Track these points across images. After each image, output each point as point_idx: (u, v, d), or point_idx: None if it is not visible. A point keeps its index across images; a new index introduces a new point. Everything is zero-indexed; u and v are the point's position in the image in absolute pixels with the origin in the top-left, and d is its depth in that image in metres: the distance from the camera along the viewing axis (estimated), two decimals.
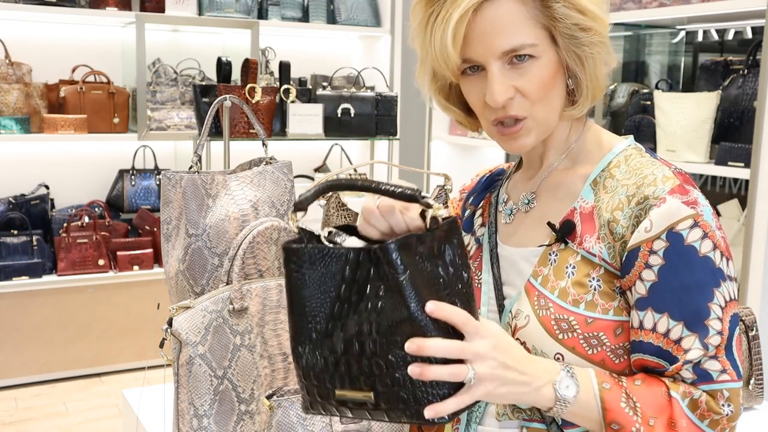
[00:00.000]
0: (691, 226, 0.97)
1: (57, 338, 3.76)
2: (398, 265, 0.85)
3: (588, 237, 1.04)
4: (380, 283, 0.87)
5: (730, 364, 0.98)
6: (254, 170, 1.58)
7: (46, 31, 4.05)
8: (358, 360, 0.88)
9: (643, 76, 3.74)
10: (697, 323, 0.97)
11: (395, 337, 0.86)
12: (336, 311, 0.90)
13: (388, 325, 0.86)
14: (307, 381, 0.93)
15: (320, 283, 0.91)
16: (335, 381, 0.90)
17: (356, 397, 0.89)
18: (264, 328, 1.40)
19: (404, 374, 0.86)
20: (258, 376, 1.38)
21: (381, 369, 0.87)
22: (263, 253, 1.50)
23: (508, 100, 1.02)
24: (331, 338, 0.90)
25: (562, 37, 1.02)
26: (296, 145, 3.99)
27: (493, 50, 1.00)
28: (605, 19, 1.04)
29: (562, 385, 0.95)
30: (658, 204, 0.98)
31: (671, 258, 0.97)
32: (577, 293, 1.02)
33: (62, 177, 4.12)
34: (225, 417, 1.35)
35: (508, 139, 1.07)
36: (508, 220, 1.16)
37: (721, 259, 0.98)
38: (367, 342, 0.87)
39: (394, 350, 0.86)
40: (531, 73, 1.01)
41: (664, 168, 1.03)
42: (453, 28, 0.98)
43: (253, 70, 3.22)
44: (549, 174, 1.14)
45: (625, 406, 0.96)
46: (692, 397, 0.96)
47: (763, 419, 1.71)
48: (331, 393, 0.91)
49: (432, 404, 0.85)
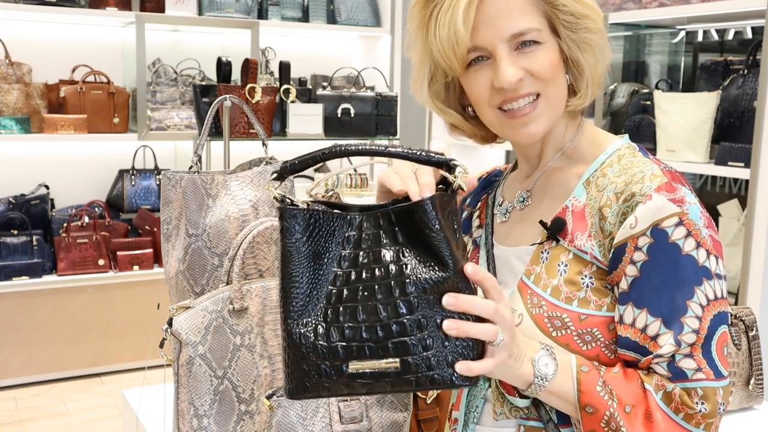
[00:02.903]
0: (676, 224, 0.97)
1: (57, 338, 3.76)
2: (434, 222, 0.84)
3: (579, 234, 1.04)
4: (401, 247, 0.86)
5: (707, 363, 0.97)
6: (254, 170, 1.58)
7: (46, 31, 4.05)
8: (387, 325, 0.84)
9: (643, 76, 3.73)
10: (673, 320, 0.97)
11: (428, 296, 0.85)
12: (342, 279, 0.87)
13: (418, 285, 0.85)
14: (306, 360, 0.86)
15: (321, 251, 0.88)
16: (353, 352, 0.85)
17: (377, 368, 0.85)
18: (264, 328, 1.40)
19: (435, 336, 0.84)
20: (258, 376, 1.38)
21: (413, 332, 0.84)
22: (263, 253, 1.50)
23: (518, 82, 1.02)
24: (342, 306, 0.86)
25: (561, 25, 1.04)
26: (296, 145, 3.99)
27: (501, 34, 1.01)
28: (598, 10, 1.07)
29: (541, 363, 0.96)
30: (644, 201, 0.98)
31: (654, 254, 0.97)
32: (569, 291, 1.03)
33: (62, 177, 4.12)
34: (225, 417, 1.35)
35: (519, 125, 1.06)
36: (504, 219, 1.17)
37: (706, 258, 0.98)
38: (397, 304, 0.84)
39: (426, 310, 0.84)
40: (538, 56, 1.03)
41: (654, 166, 1.03)
42: (464, 10, 0.99)
43: (253, 70, 3.22)
44: (544, 173, 1.14)
45: (601, 390, 0.96)
46: (665, 389, 0.97)
47: (763, 419, 1.71)
48: (344, 367, 0.85)
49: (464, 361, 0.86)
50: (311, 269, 0.88)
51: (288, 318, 0.87)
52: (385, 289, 0.85)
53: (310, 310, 0.87)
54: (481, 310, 0.87)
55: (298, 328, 0.87)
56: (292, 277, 0.88)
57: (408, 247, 0.86)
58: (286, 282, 0.88)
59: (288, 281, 0.88)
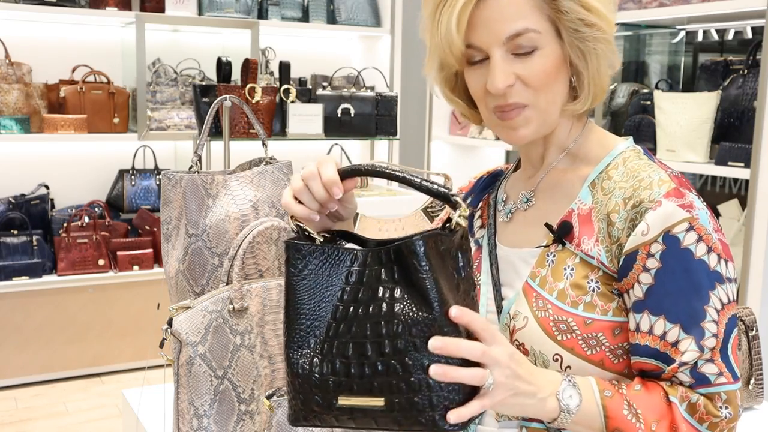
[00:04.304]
0: (686, 230, 0.97)
1: (57, 338, 3.76)
2: (423, 263, 0.83)
3: (586, 239, 1.04)
4: (396, 285, 0.85)
5: (726, 367, 0.98)
6: (254, 170, 1.58)
7: (46, 31, 4.05)
8: (372, 364, 0.85)
9: (643, 76, 3.74)
10: (693, 325, 0.97)
11: (414, 339, 0.84)
12: (340, 314, 0.88)
13: (406, 326, 0.84)
14: (303, 389, 0.89)
15: (324, 284, 0.89)
16: (341, 387, 0.86)
17: (364, 404, 0.86)
18: (264, 328, 1.40)
19: (420, 378, 0.83)
20: (258, 376, 1.38)
21: (397, 373, 0.84)
22: (263, 253, 1.50)
23: (508, 88, 1.02)
24: (337, 341, 0.87)
25: (566, 31, 1.02)
26: (296, 145, 3.99)
27: (497, 36, 1.00)
28: (611, 18, 1.04)
29: (565, 395, 0.95)
30: (653, 207, 0.98)
31: (667, 261, 0.97)
32: (575, 295, 1.02)
33: (62, 177, 4.12)
34: (225, 417, 1.35)
35: (507, 128, 1.06)
36: (507, 219, 1.16)
37: (718, 262, 0.98)
38: (383, 344, 0.84)
39: (411, 353, 0.83)
40: (533, 62, 1.01)
41: (661, 171, 1.02)
42: (458, 13, 0.99)
43: (253, 70, 3.21)
44: (548, 173, 1.13)
45: (628, 413, 0.96)
46: (690, 401, 0.97)
47: (763, 419, 1.71)
48: (333, 401, 0.87)
49: (452, 409, 0.84)
50: (315, 301, 0.89)
51: (288, 347, 0.90)
52: (375, 328, 0.85)
53: (310, 341, 0.89)
54: (468, 352, 0.85)
55: (297, 357, 0.89)
56: (296, 308, 0.90)
57: (401, 286, 0.85)
58: (290, 312, 0.90)
59: (292, 311, 0.90)
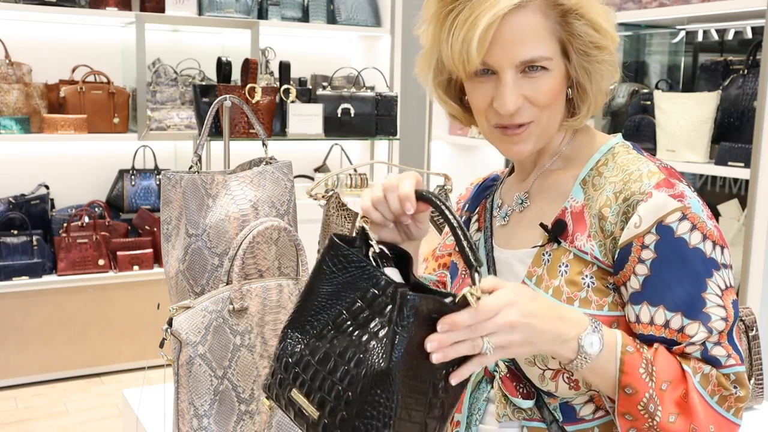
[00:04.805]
0: (679, 219, 0.98)
1: (57, 338, 3.76)
2: (405, 319, 0.84)
3: (579, 235, 1.04)
4: (386, 325, 0.86)
5: (732, 349, 1.00)
6: (254, 170, 1.58)
7: (46, 31, 4.05)
8: (324, 378, 0.88)
9: (643, 76, 3.73)
10: (695, 312, 0.98)
11: (365, 378, 0.85)
12: (338, 321, 0.90)
13: (365, 365, 0.85)
14: (277, 363, 0.94)
15: (341, 288, 0.92)
16: (297, 380, 0.91)
17: (304, 407, 0.89)
18: (264, 328, 1.40)
19: (353, 417, 0.84)
20: (258, 376, 1.38)
21: (338, 399, 0.86)
22: (263, 253, 1.50)
23: (517, 109, 1.03)
24: (319, 342, 0.91)
25: (576, 53, 1.03)
26: (296, 145, 3.99)
27: (512, 59, 1.01)
28: (616, 37, 1.06)
29: (586, 342, 0.94)
30: (645, 199, 0.99)
31: (662, 251, 0.98)
32: (570, 291, 1.03)
33: (62, 177, 4.12)
34: (225, 417, 1.35)
35: (508, 142, 1.07)
36: (504, 222, 1.17)
37: (713, 249, 0.99)
38: (343, 369, 0.86)
39: (356, 391, 0.85)
40: (541, 83, 1.02)
41: (650, 163, 1.03)
42: (481, 32, 0.97)
43: (253, 70, 3.21)
44: (541, 174, 1.15)
45: (643, 372, 0.96)
46: (703, 372, 0.98)
47: (763, 419, 1.71)
48: (288, 387, 0.91)
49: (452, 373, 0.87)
50: (330, 298, 0.93)
51: (289, 323, 0.95)
52: (347, 350, 0.88)
53: (307, 329, 0.93)
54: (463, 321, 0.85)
55: (288, 335, 0.94)
56: (312, 295, 0.94)
57: (388, 329, 0.86)
58: (305, 295, 0.95)
59: (306, 296, 0.95)
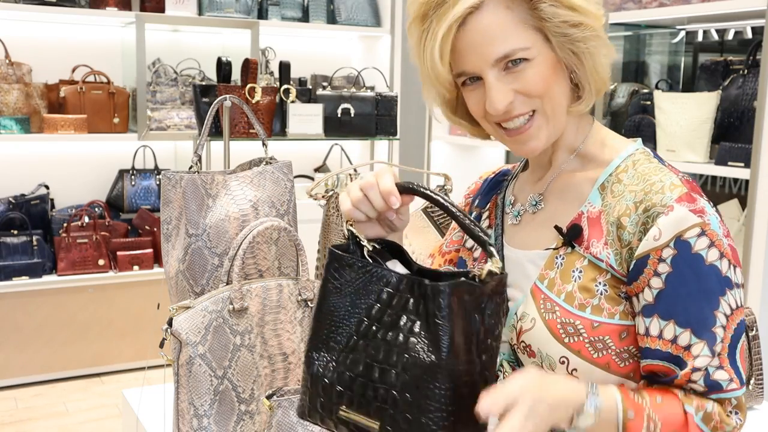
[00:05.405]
0: (698, 235, 0.97)
1: (57, 338, 3.76)
2: (443, 311, 0.84)
3: (595, 242, 1.03)
4: (417, 319, 0.87)
5: (734, 372, 0.99)
6: (254, 170, 1.58)
7: (46, 31, 4.05)
8: (375, 387, 0.87)
9: (643, 76, 3.73)
10: (704, 330, 0.97)
11: (418, 375, 0.85)
12: (363, 329, 0.90)
13: (414, 364, 0.85)
14: (312, 389, 0.92)
15: (354, 297, 0.91)
16: (343, 398, 0.89)
17: (360, 422, 0.88)
18: (264, 328, 1.40)
19: (417, 415, 0.84)
20: (258, 376, 1.38)
21: (396, 404, 0.86)
22: (263, 253, 1.50)
23: (508, 105, 1.02)
24: (352, 354, 0.89)
25: (554, 36, 1.01)
26: (296, 145, 3.99)
27: (486, 59, 1.00)
28: (596, 12, 1.03)
29: (582, 422, 0.93)
30: (665, 212, 0.98)
31: (678, 266, 0.97)
32: (583, 297, 1.02)
33: (62, 177, 4.12)
34: (225, 417, 1.35)
35: (518, 142, 1.07)
36: (515, 221, 1.16)
37: (728, 268, 0.98)
38: (390, 373, 0.86)
39: (413, 389, 0.85)
40: (527, 75, 1.01)
41: (672, 175, 1.02)
42: (439, 44, 0.99)
43: (253, 70, 3.21)
44: (557, 176, 1.13)
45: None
46: (705, 410, 0.97)
47: (763, 419, 1.71)
48: (334, 408, 0.90)
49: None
50: (345, 310, 0.92)
51: (309, 346, 0.94)
52: (388, 354, 0.87)
53: (332, 345, 0.92)
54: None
55: (315, 357, 0.93)
56: (325, 311, 0.94)
57: (422, 321, 0.87)
58: (319, 313, 0.94)
59: (320, 313, 0.94)
